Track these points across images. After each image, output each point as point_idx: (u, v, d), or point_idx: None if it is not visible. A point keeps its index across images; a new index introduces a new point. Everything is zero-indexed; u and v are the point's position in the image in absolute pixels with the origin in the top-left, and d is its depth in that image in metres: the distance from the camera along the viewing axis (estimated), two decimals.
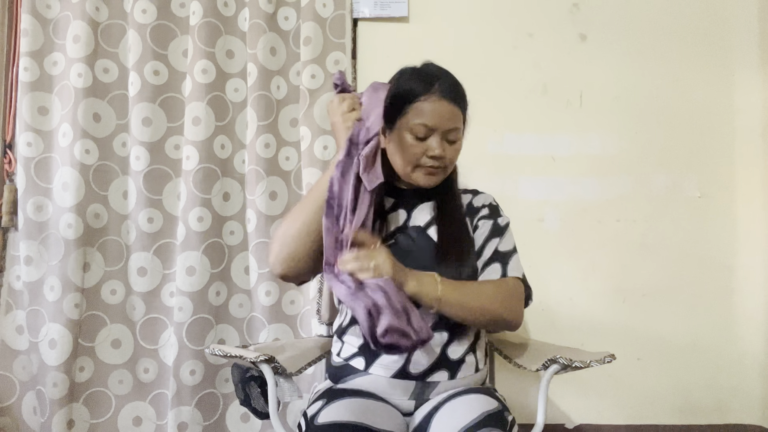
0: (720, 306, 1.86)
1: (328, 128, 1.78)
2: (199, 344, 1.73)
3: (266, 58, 1.78)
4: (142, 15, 1.76)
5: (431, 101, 1.15)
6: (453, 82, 1.18)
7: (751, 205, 1.87)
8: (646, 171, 1.88)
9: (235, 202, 1.82)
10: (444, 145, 1.17)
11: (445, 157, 1.17)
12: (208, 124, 1.75)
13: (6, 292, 1.79)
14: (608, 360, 1.13)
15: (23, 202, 1.73)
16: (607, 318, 1.85)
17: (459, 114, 1.17)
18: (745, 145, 1.88)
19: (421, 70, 1.20)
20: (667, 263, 1.86)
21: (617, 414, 1.86)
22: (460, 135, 1.20)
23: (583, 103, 1.88)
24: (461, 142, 1.20)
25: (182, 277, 1.73)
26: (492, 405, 1.05)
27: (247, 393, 1.25)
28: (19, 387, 1.77)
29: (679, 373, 1.86)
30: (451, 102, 1.16)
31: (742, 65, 1.89)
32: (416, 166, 1.18)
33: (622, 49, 1.89)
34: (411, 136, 1.16)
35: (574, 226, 1.87)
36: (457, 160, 1.22)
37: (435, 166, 1.17)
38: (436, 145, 1.15)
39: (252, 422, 1.78)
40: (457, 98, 1.17)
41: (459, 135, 1.19)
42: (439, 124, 1.15)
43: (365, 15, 1.86)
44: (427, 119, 1.15)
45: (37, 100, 1.76)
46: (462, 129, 1.20)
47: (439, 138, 1.16)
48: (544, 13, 1.89)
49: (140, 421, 1.78)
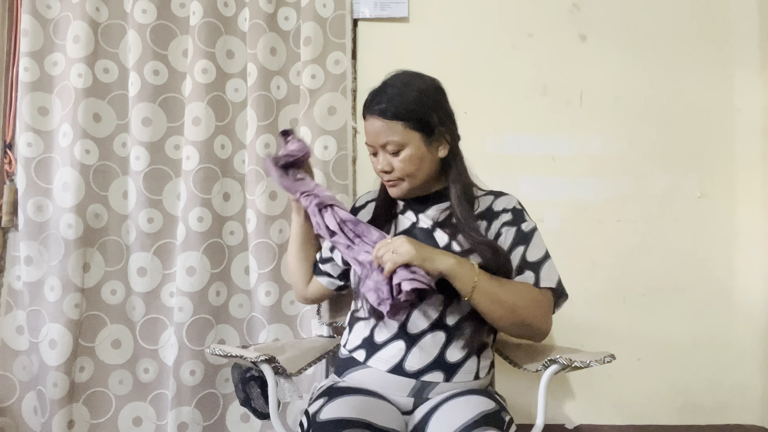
0: (720, 306, 1.86)
1: (328, 128, 1.78)
2: (199, 344, 1.73)
3: (266, 58, 1.78)
4: (142, 15, 1.76)
5: (367, 120, 1.21)
6: (391, 96, 1.17)
7: (751, 205, 1.87)
8: (646, 171, 1.88)
9: (235, 203, 1.82)
10: (388, 158, 1.20)
11: (392, 170, 1.20)
12: (208, 124, 1.75)
13: (6, 292, 1.79)
14: (608, 360, 1.14)
15: (23, 203, 1.73)
16: (607, 318, 1.85)
17: (393, 126, 1.16)
18: (745, 145, 1.88)
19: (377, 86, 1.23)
20: (667, 263, 1.86)
21: (617, 414, 1.86)
22: (405, 144, 1.17)
23: (583, 103, 1.88)
24: (411, 152, 1.17)
25: (182, 277, 1.73)
26: (489, 405, 1.06)
27: (247, 393, 1.25)
28: (19, 387, 1.77)
29: (679, 373, 1.86)
30: (379, 117, 1.18)
31: (742, 65, 1.89)
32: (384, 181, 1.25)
33: (622, 49, 1.88)
34: (370, 154, 1.24)
35: (574, 226, 1.87)
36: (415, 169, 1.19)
37: (388, 179, 1.22)
38: (379, 160, 1.21)
39: (252, 422, 1.78)
40: (386, 112, 1.17)
41: (400, 146, 1.17)
42: (374, 141, 1.20)
43: (365, 15, 1.86)
44: (366, 138, 1.22)
45: (37, 100, 1.76)
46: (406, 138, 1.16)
47: (382, 153, 1.20)
48: (544, 13, 1.89)
49: (140, 421, 1.78)
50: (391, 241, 1.10)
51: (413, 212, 1.27)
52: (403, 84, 1.20)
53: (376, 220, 1.29)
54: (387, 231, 1.27)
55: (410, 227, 1.26)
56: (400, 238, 1.09)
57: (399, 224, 1.28)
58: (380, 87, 1.21)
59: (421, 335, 1.17)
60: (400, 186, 1.22)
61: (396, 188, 1.23)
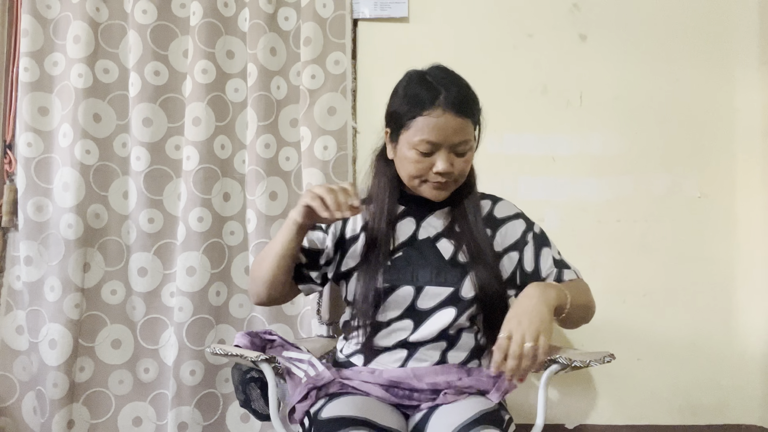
0: (720, 306, 1.86)
1: (328, 128, 1.78)
2: (199, 344, 1.73)
3: (266, 58, 1.78)
4: (143, 15, 1.76)
5: (435, 116, 1.08)
6: (460, 91, 1.10)
7: (751, 205, 1.87)
8: (646, 171, 1.87)
9: (236, 203, 1.82)
10: (452, 158, 1.11)
11: (453, 171, 1.11)
12: (208, 124, 1.75)
13: (6, 293, 1.79)
14: (608, 360, 1.14)
15: (23, 203, 1.73)
16: (607, 318, 1.85)
17: (467, 125, 1.10)
18: (745, 145, 1.88)
19: (424, 79, 1.12)
20: (667, 263, 1.86)
21: (617, 414, 1.86)
22: (471, 145, 1.13)
23: (583, 103, 1.88)
24: (473, 153, 1.15)
25: (182, 277, 1.73)
26: (488, 404, 1.07)
27: (247, 394, 1.25)
28: (19, 387, 1.77)
29: (679, 373, 1.86)
30: (457, 114, 1.08)
31: (742, 65, 1.89)
32: (423, 181, 1.14)
33: (622, 49, 1.88)
34: (415, 152, 1.10)
35: (574, 226, 1.87)
36: (468, 171, 1.16)
37: (443, 181, 1.12)
38: (443, 161, 1.10)
39: (252, 422, 1.78)
40: (464, 109, 1.09)
41: (469, 146, 1.12)
42: (445, 140, 1.09)
43: (365, 15, 1.86)
44: (431, 135, 1.08)
45: (37, 100, 1.76)
46: (473, 139, 1.14)
47: (446, 152, 1.10)
48: (544, 13, 1.89)
49: (140, 421, 1.78)
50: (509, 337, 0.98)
51: (414, 218, 1.21)
52: (458, 79, 1.13)
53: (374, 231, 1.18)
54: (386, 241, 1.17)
55: (409, 241, 1.19)
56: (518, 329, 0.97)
57: (397, 233, 1.20)
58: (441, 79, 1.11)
59: (424, 344, 1.16)
60: (449, 188, 1.15)
61: (444, 191, 1.15)
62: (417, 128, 1.09)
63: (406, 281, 1.15)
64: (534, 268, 1.20)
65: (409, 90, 1.12)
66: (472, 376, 1.14)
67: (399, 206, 1.22)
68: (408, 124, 1.10)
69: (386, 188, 1.20)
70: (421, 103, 1.08)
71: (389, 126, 1.17)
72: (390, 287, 1.15)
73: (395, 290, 1.15)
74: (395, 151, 1.16)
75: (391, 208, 1.19)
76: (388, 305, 1.15)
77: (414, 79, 1.14)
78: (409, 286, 1.15)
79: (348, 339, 1.24)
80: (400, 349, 1.16)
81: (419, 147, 1.09)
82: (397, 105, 1.13)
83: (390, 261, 1.17)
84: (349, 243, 1.23)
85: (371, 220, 1.19)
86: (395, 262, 1.17)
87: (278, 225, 1.77)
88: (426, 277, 1.15)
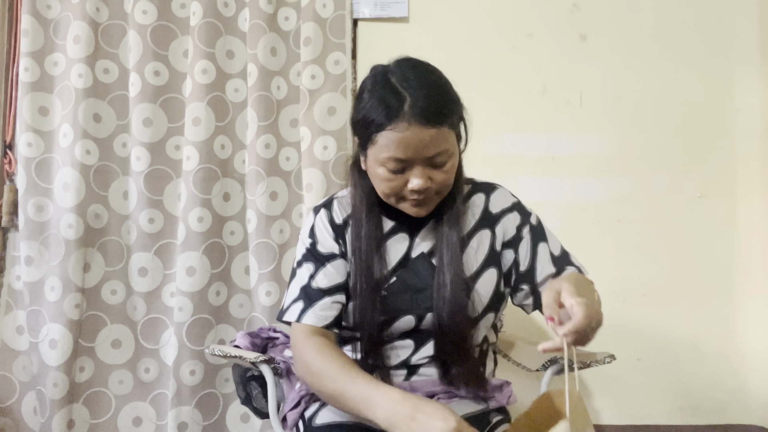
0: (720, 306, 1.86)
1: (328, 128, 1.78)
2: (199, 344, 1.73)
3: (266, 58, 1.78)
4: (143, 16, 1.76)
5: (399, 129, 0.92)
6: (428, 95, 0.93)
7: (751, 205, 1.87)
8: (646, 171, 1.87)
9: (236, 203, 1.82)
10: (428, 172, 0.96)
11: (431, 186, 0.97)
12: (208, 124, 1.75)
13: (6, 293, 1.79)
14: (608, 360, 1.14)
15: (23, 203, 1.73)
16: (607, 318, 1.83)
17: (441, 133, 0.94)
18: (745, 145, 1.88)
19: (387, 82, 0.96)
20: (667, 263, 1.86)
21: (617, 414, 1.86)
22: (452, 153, 0.97)
23: (583, 103, 1.88)
24: (455, 160, 0.99)
25: (182, 277, 1.73)
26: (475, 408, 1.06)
27: (247, 392, 1.25)
28: (19, 387, 1.77)
29: (679, 373, 1.86)
30: (426, 125, 0.92)
31: (742, 65, 1.88)
32: (400, 198, 1.00)
33: (622, 49, 1.88)
34: (385, 170, 0.96)
35: (574, 226, 1.87)
36: (453, 177, 1.01)
37: (421, 198, 0.98)
38: (417, 177, 0.95)
39: (252, 422, 1.78)
40: (435, 117, 0.92)
41: (448, 155, 0.97)
42: (416, 154, 0.93)
43: (365, 15, 1.86)
44: (398, 152, 0.93)
45: (37, 100, 1.76)
46: (453, 146, 0.98)
47: (421, 167, 0.95)
48: (544, 13, 1.89)
49: (140, 421, 1.78)
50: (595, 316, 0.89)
51: (407, 234, 1.09)
52: (427, 76, 0.97)
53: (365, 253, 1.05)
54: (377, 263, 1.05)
55: (402, 261, 1.07)
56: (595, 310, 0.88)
57: (389, 253, 1.07)
58: (405, 84, 0.94)
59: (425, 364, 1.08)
60: (431, 203, 1.01)
61: (425, 207, 1.01)
62: (382, 144, 0.94)
63: (405, 310, 1.05)
64: (529, 266, 1.09)
65: (373, 95, 0.96)
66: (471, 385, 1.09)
67: (387, 221, 1.09)
68: (373, 138, 0.95)
69: (363, 204, 1.06)
70: (385, 115, 0.92)
71: (356, 135, 1.02)
72: (388, 319, 1.05)
73: (395, 321, 1.06)
74: (365, 164, 1.03)
75: (373, 228, 1.06)
76: (388, 332, 1.06)
77: (378, 81, 0.98)
78: (409, 315, 1.05)
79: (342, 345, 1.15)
80: (401, 369, 1.08)
81: (388, 165, 0.95)
82: (361, 114, 0.97)
83: (385, 290, 1.05)
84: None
85: (355, 241, 1.06)
86: (391, 290, 1.06)
87: (278, 225, 1.77)
88: (426, 302, 1.05)
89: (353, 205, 1.08)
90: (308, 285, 1.06)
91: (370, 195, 1.06)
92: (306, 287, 1.06)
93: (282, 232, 1.78)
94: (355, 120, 1.00)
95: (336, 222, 1.10)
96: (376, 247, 1.05)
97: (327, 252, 1.08)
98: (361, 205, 1.07)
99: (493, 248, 1.10)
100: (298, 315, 1.04)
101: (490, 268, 1.09)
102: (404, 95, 0.93)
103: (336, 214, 1.11)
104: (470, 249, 1.08)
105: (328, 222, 1.10)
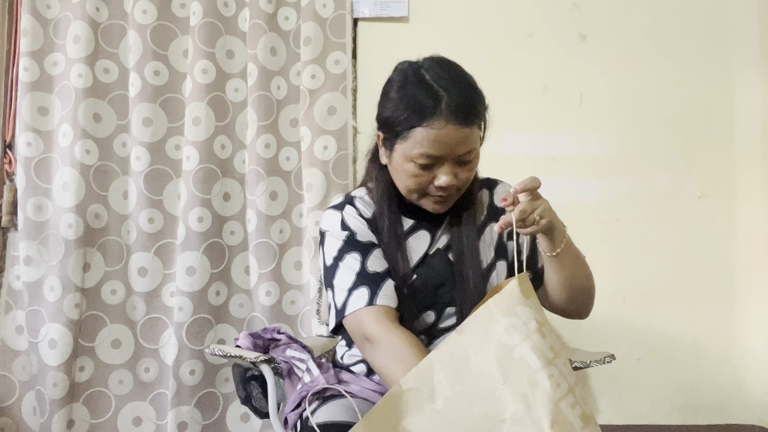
0: (720, 306, 1.86)
1: (328, 128, 1.78)
2: (199, 344, 1.73)
3: (266, 58, 1.78)
4: (143, 15, 1.76)
5: (436, 127, 0.94)
6: (464, 94, 0.97)
7: (751, 205, 1.87)
8: (646, 171, 1.87)
9: (236, 203, 1.82)
10: (455, 170, 0.99)
11: (456, 184, 1.00)
12: (208, 124, 1.75)
13: (6, 292, 1.78)
14: (608, 360, 1.14)
15: (23, 202, 1.73)
16: (607, 318, 1.85)
17: (473, 132, 0.97)
18: (745, 145, 1.88)
19: (422, 80, 0.98)
20: (667, 263, 1.86)
21: (617, 414, 1.86)
22: (477, 152, 1.01)
23: (583, 103, 1.88)
24: (478, 159, 1.03)
25: (182, 277, 1.72)
26: None
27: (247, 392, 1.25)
28: (18, 387, 1.77)
29: (679, 373, 1.86)
30: (461, 124, 0.95)
31: (742, 65, 1.89)
32: (423, 194, 1.02)
33: (622, 49, 1.88)
34: (414, 165, 0.98)
35: (574, 226, 1.85)
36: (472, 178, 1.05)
37: (444, 195, 1.01)
38: (446, 174, 0.98)
39: (252, 422, 1.78)
40: (470, 116, 0.96)
41: (474, 154, 1.00)
42: (449, 152, 0.96)
43: (365, 15, 1.86)
44: (432, 149, 0.96)
45: (37, 100, 1.76)
46: (479, 145, 1.02)
47: (450, 165, 0.98)
48: (544, 13, 1.89)
49: (140, 421, 1.78)
50: (540, 203, 0.94)
51: (427, 231, 1.10)
52: (461, 76, 1.02)
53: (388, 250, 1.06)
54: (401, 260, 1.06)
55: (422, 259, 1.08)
56: (545, 202, 0.95)
57: (410, 252, 1.08)
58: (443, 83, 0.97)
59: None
60: (451, 200, 1.04)
61: (446, 203, 1.03)
62: (416, 140, 0.96)
63: (426, 306, 1.07)
64: (529, 253, 1.11)
65: (406, 93, 0.98)
66: None
67: (406, 220, 1.10)
68: (404, 134, 0.97)
69: (384, 198, 1.08)
70: (420, 112, 0.95)
71: (382, 131, 1.04)
72: (410, 316, 1.05)
73: (417, 318, 1.06)
74: (390, 159, 1.04)
75: (395, 224, 1.08)
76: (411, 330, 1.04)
77: (410, 79, 1.00)
78: (430, 311, 1.07)
79: (350, 347, 1.18)
80: None
81: (419, 160, 0.97)
82: (391, 110, 0.99)
83: (406, 288, 1.06)
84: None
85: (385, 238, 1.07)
86: (412, 287, 1.06)
87: (278, 225, 1.77)
88: (445, 297, 1.07)
89: (375, 199, 1.10)
90: (364, 270, 1.02)
91: (389, 188, 1.08)
92: (362, 273, 1.02)
93: (282, 232, 1.78)
94: (384, 116, 1.01)
95: (365, 216, 1.10)
96: (398, 243, 1.07)
97: (367, 241, 1.07)
98: (381, 200, 1.08)
99: (501, 241, 1.13)
100: (368, 299, 0.99)
101: (501, 260, 1.12)
102: (441, 94, 0.96)
103: (363, 210, 1.10)
104: (482, 243, 1.11)
105: (358, 215, 1.09)
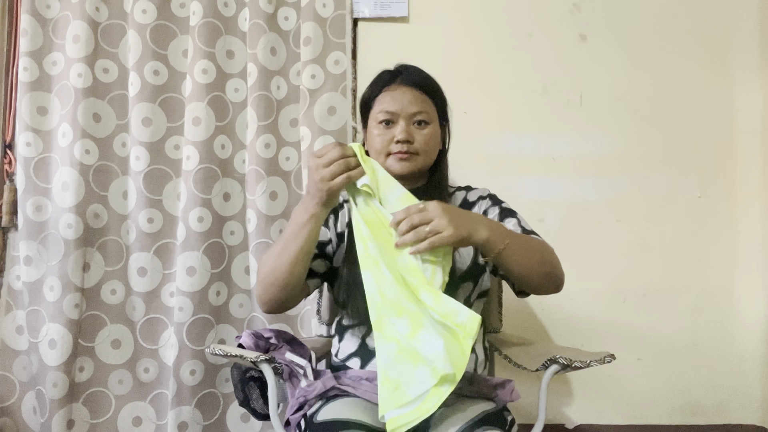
0: (720, 306, 1.86)
1: (328, 128, 1.78)
2: (199, 344, 1.73)
3: (266, 58, 1.78)
4: (142, 15, 1.76)
5: (392, 89, 1.20)
6: (419, 73, 1.23)
7: (751, 205, 1.87)
8: (646, 171, 1.87)
9: (236, 202, 1.82)
10: (411, 129, 1.18)
11: (413, 141, 1.17)
12: (208, 124, 1.75)
13: (6, 292, 1.79)
14: (608, 360, 1.13)
15: (23, 202, 1.73)
16: (607, 318, 1.85)
17: (425, 99, 1.20)
18: (745, 146, 1.88)
19: (384, 71, 1.25)
20: (667, 263, 1.86)
21: (617, 414, 1.86)
22: (432, 120, 1.20)
23: (583, 103, 1.88)
24: (434, 129, 1.21)
25: (182, 277, 1.72)
26: (490, 405, 1.07)
27: (246, 394, 1.25)
28: (18, 387, 1.77)
29: (679, 373, 1.86)
30: (413, 88, 1.20)
31: (742, 65, 1.89)
32: (388, 154, 1.19)
33: (622, 49, 1.88)
34: (378, 126, 1.19)
35: (574, 226, 1.87)
36: (432, 148, 1.21)
37: (404, 150, 1.17)
38: (401, 129, 1.17)
39: (252, 422, 1.78)
40: (422, 85, 1.21)
41: (429, 119, 1.19)
42: (402, 109, 1.18)
43: (365, 15, 1.86)
44: (389, 106, 1.19)
45: (36, 100, 1.76)
46: (433, 116, 1.21)
47: (405, 123, 1.18)
48: (543, 13, 1.89)
49: (140, 421, 1.78)
50: (424, 207, 0.99)
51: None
52: (420, 68, 1.25)
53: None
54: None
55: None
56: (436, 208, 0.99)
57: None
58: (402, 67, 1.24)
59: None
60: (414, 160, 1.19)
61: (409, 162, 1.18)
62: (378, 103, 1.21)
63: None
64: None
65: (375, 78, 1.26)
66: (474, 385, 1.12)
67: None
68: (373, 104, 1.23)
69: None
70: (383, 83, 1.22)
71: (361, 115, 1.28)
72: None
73: None
74: (366, 135, 1.25)
75: None
76: None
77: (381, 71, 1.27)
78: None
79: (342, 341, 1.22)
80: None
81: (380, 117, 1.19)
82: (365, 93, 1.26)
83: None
84: (339, 238, 1.24)
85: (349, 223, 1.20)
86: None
87: (279, 225, 1.77)
88: None
89: None
90: None
91: None
92: None
93: (282, 232, 1.78)
94: (361, 102, 1.27)
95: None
96: None
97: None
98: None
99: None
100: None
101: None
102: (400, 70, 1.24)
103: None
104: None
105: None
